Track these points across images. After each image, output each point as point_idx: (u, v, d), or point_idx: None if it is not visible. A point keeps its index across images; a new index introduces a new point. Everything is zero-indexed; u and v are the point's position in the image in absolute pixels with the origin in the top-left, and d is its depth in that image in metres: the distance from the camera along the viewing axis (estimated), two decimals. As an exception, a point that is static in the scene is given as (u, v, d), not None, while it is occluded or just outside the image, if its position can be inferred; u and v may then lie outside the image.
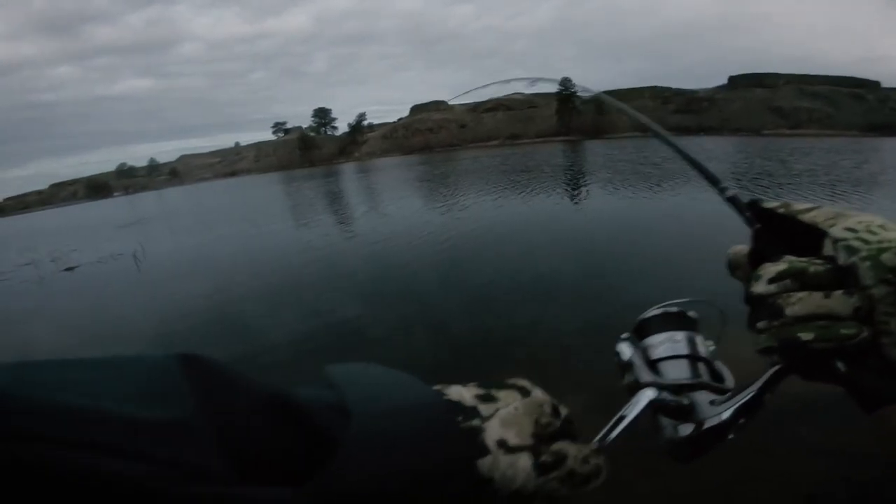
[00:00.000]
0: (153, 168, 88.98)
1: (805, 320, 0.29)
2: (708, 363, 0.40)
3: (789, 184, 11.90)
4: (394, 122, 79.94)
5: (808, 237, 0.33)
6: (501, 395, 0.31)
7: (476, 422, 0.28)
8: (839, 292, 0.29)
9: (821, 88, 58.31)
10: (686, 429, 0.37)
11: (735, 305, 0.36)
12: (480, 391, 0.30)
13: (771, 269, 0.31)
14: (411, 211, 12.08)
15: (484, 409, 0.29)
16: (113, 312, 6.44)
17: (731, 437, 0.36)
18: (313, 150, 73.89)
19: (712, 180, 0.44)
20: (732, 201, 0.40)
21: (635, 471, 1.91)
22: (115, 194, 77.53)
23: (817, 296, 0.29)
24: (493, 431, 0.28)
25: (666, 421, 0.38)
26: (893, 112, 51.01)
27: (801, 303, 0.30)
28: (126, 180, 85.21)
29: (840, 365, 0.29)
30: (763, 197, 0.39)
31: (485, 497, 0.26)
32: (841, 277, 0.30)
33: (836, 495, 2.10)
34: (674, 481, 2.14)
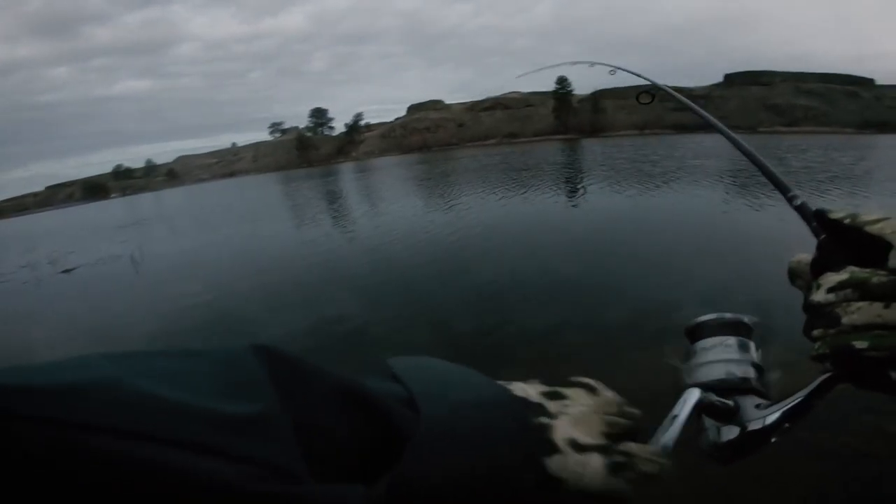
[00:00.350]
0: (150, 169, 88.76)
1: (862, 329, 0.29)
2: (759, 369, 0.39)
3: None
4: (391, 122, 79.90)
5: (875, 248, 0.32)
6: (569, 392, 0.31)
7: (544, 419, 0.28)
8: None
9: (816, 86, 58.47)
10: (729, 431, 0.37)
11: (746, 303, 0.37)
12: (546, 388, 0.31)
13: (832, 278, 0.32)
14: (412, 210, 12.09)
15: (552, 406, 0.29)
16: (111, 314, 6.44)
17: (773, 440, 0.36)
18: (311, 150, 73.85)
19: (781, 188, 0.44)
20: (800, 210, 0.40)
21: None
22: (113, 196, 77.36)
23: (877, 306, 0.29)
24: (563, 429, 0.27)
25: (710, 422, 0.38)
26: (889, 110, 51.21)
27: (860, 312, 0.30)
28: (123, 182, 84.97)
29: (894, 374, 0.29)
30: (829, 208, 0.37)
31: (553, 496, 0.26)
32: None
33: (834, 497, 2.10)
34: (672, 483, 2.14)
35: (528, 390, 0.30)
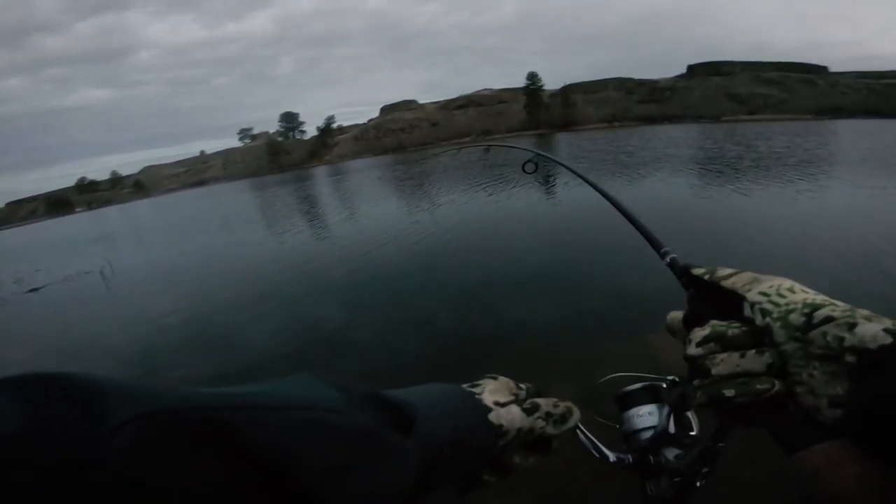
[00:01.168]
0: (116, 181, 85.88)
1: (727, 378, 0.33)
2: (679, 418, 0.46)
3: (757, 167, 12.37)
4: (364, 124, 79.29)
5: (731, 301, 0.36)
6: (481, 382, 0.44)
7: (476, 395, 0.42)
8: (752, 352, 0.33)
9: (774, 74, 60.69)
10: (660, 483, 0.44)
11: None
12: (468, 384, 0.44)
13: (698, 333, 0.35)
14: (388, 212, 12.06)
15: (476, 389, 0.43)
16: (82, 331, 6.23)
17: (699, 484, 0.41)
18: (282, 155, 72.69)
19: (654, 244, 0.48)
20: (671, 266, 0.44)
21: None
22: (78, 210, 74.50)
23: (735, 356, 0.33)
24: (487, 398, 0.41)
25: (646, 478, 0.45)
26: (843, 95, 53.55)
27: (723, 363, 0.34)
28: (88, 195, 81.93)
29: (759, 415, 0.33)
30: (693, 263, 0.41)
31: (503, 441, 0.40)
32: (759, 337, 0.34)
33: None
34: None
35: (462, 385, 0.43)
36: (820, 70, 60.95)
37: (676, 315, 0.42)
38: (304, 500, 0.23)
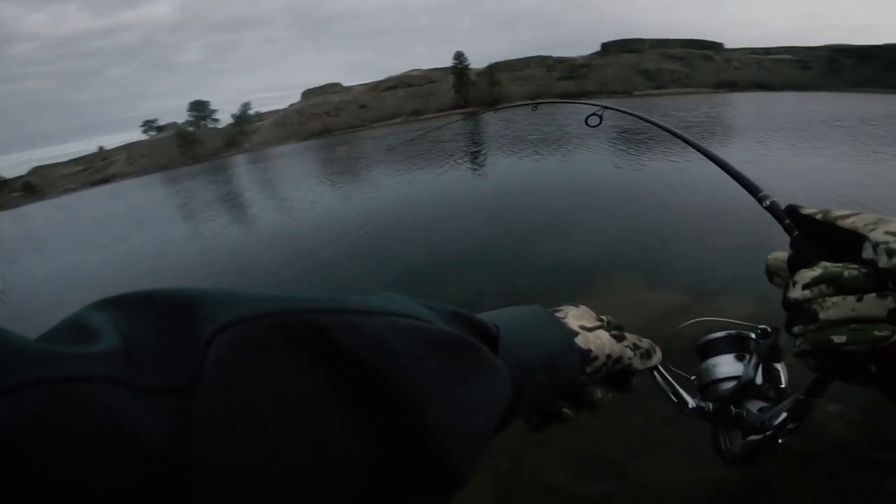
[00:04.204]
0: (1, 185, 75.30)
1: (839, 324, 0.30)
2: (763, 373, 0.44)
3: (702, 137, 13.39)
4: (286, 109, 75.34)
5: (848, 242, 0.33)
6: (563, 308, 0.41)
7: (560, 317, 0.39)
8: (872, 295, 0.30)
9: (678, 51, 65.25)
10: (738, 436, 0.42)
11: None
12: (550, 309, 0.40)
13: (806, 274, 0.33)
14: (320, 198, 11.70)
15: (559, 314, 0.40)
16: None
17: (780, 441, 0.39)
18: (196, 145, 67.45)
19: (751, 189, 0.45)
20: (771, 210, 0.41)
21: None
22: (-48, 220, 64.56)
23: (850, 300, 0.30)
24: (572, 322, 0.38)
25: (722, 430, 0.44)
26: (737, 70, 58.94)
27: (835, 307, 0.31)
28: (-36, 202, 71.18)
29: (873, 367, 0.30)
30: (800, 204, 0.39)
31: (591, 368, 0.37)
32: (882, 280, 0.30)
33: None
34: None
35: (544, 307, 0.39)
36: (717, 46, 66.33)
37: (780, 255, 0.39)
38: (404, 407, 0.22)
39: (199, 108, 75.63)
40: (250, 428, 0.18)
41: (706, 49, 65.50)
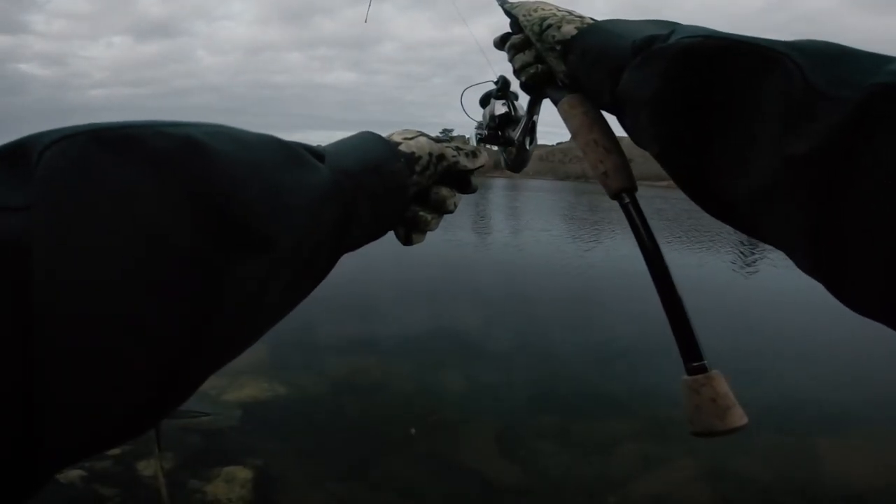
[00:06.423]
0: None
1: (521, 69, 0.52)
2: (513, 105, 0.60)
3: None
4: (552, 146, 77.68)
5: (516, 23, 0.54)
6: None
7: (387, 138, 0.43)
8: (526, 51, 0.52)
9: None
10: (511, 151, 0.60)
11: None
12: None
13: (505, 35, 0.56)
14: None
15: (383, 135, 0.44)
16: None
17: (529, 147, 0.59)
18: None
19: None
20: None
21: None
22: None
23: (521, 55, 0.52)
24: (395, 137, 0.42)
25: (501, 150, 0.61)
26: None
27: (515, 59, 0.53)
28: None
29: (543, 88, 0.52)
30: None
31: (419, 167, 0.41)
32: (528, 41, 0.51)
33: None
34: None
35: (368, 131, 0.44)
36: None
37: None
38: (212, 188, 0.23)
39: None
40: (81, 223, 0.19)
41: None
